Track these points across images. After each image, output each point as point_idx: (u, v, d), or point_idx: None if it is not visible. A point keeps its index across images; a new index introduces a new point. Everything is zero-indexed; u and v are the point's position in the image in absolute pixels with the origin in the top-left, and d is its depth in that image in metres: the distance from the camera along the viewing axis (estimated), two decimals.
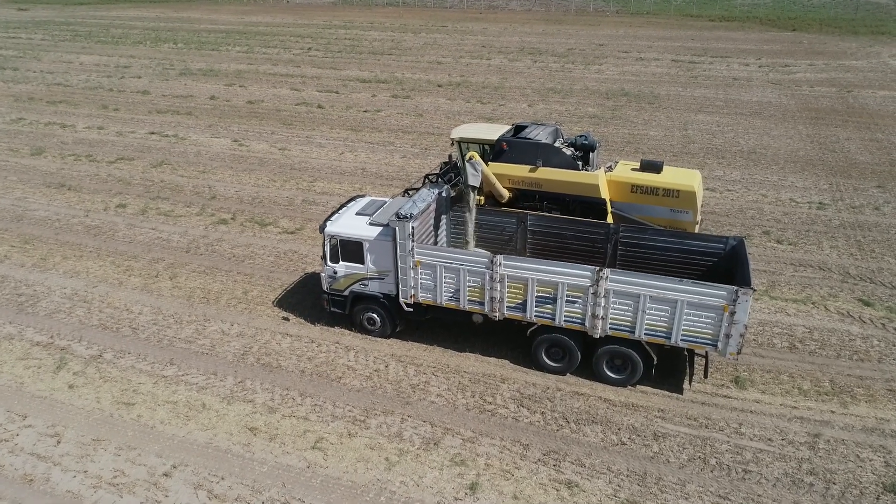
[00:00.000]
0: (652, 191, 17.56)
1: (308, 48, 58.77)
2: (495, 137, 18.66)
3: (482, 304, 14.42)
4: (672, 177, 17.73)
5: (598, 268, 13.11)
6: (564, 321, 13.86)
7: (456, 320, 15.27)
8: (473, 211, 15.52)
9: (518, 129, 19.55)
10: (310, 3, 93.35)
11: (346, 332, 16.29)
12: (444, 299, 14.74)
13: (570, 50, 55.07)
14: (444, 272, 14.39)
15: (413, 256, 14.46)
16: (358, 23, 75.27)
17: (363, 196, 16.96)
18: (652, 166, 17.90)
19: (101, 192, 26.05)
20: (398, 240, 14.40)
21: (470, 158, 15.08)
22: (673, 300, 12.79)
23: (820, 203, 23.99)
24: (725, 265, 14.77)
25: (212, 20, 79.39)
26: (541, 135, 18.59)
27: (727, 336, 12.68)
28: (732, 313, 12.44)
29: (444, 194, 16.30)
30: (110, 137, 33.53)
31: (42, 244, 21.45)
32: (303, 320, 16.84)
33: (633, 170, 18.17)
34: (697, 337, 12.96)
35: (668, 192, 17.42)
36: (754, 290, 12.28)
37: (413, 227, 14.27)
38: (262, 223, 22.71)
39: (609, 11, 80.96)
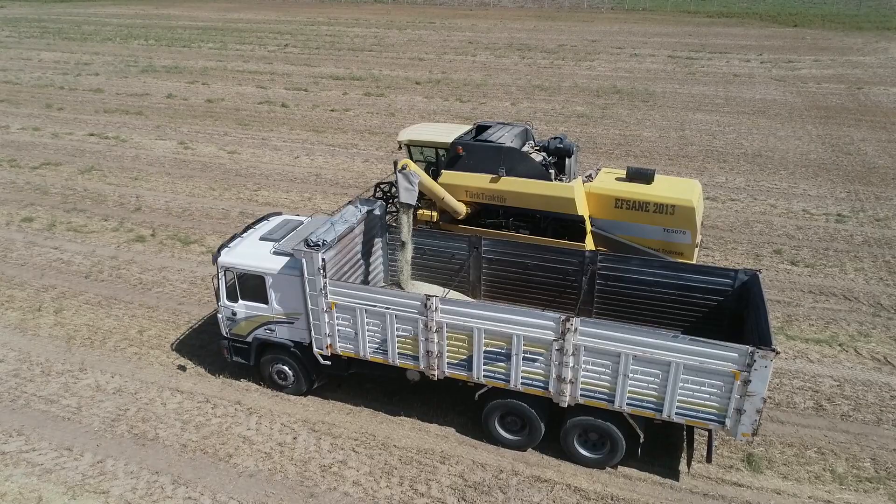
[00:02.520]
0: (641, 206, 14.17)
1: (285, 45, 55.51)
2: (450, 140, 15.23)
3: (416, 359, 11.00)
4: (666, 188, 14.34)
5: (562, 316, 9.69)
6: (522, 384, 10.46)
7: (388, 376, 11.86)
8: (409, 237, 12.10)
9: (480, 129, 16.14)
10: (296, 0, 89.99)
11: (254, 387, 12.87)
12: (367, 352, 11.33)
13: (560, 46, 51.79)
14: (367, 317, 10.98)
15: (326, 296, 11.04)
16: (342, 19, 72.15)
17: (278, 214, 13.54)
18: (641, 175, 14.51)
19: (11, 202, 22.62)
20: (306, 275, 10.99)
21: (402, 168, 11.63)
22: (664, 362, 9.39)
23: (838, 215, 20.60)
24: (734, 306, 11.38)
25: (191, 17, 76.14)
26: (505, 137, 15.17)
27: (739, 411, 9.27)
28: (746, 382, 9.03)
29: (377, 213, 12.89)
30: (43, 140, 30.11)
31: None
32: (202, 370, 13.43)
33: (619, 179, 14.77)
34: (698, 411, 9.55)
35: (661, 208, 14.03)
36: (777, 353, 8.85)
37: (324, 259, 10.85)
38: (185, 241, 19.28)
39: (604, 7, 77.78)
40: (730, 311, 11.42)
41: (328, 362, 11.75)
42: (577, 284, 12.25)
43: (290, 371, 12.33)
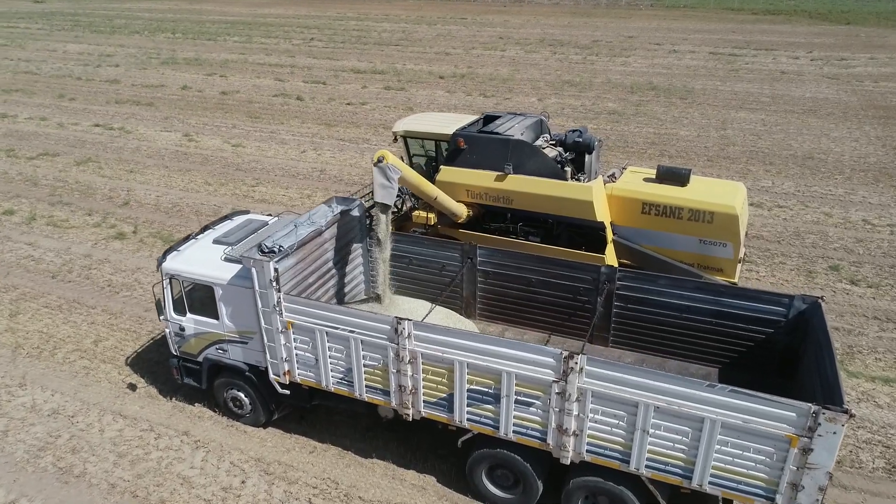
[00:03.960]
0: (673, 211, 11.89)
1: (310, 38, 54.21)
2: (452, 131, 13.16)
3: (387, 394, 8.98)
4: (703, 192, 12.04)
5: (564, 352, 7.56)
6: (514, 433, 8.34)
7: (357, 410, 9.87)
8: (387, 244, 10.08)
9: (489, 120, 14.04)
10: None
11: (208, 413, 11.03)
12: (330, 382, 9.34)
13: (594, 42, 49.26)
14: (328, 341, 9.00)
15: (281, 314, 9.10)
16: (372, 15, 70.79)
17: (245, 213, 11.68)
18: (674, 175, 12.25)
19: None
20: (257, 287, 9.06)
21: (379, 160, 9.60)
22: (696, 417, 7.17)
23: None
24: (787, 340, 9.07)
25: (222, 12, 75.65)
26: (514, 129, 13.04)
27: (794, 487, 7.00)
28: (806, 451, 6.77)
29: (355, 214, 10.91)
30: (48, 130, 29.06)
31: None
32: (154, 391, 11.64)
33: (647, 180, 12.52)
34: (739, 482, 7.31)
35: (698, 215, 11.74)
36: (851, 415, 6.56)
37: (276, 270, 8.91)
38: (167, 239, 17.62)
39: (642, 4, 74.60)
40: (781, 347, 9.11)
41: (287, 391, 9.81)
42: (590, 306, 10.07)
43: (245, 398, 10.44)
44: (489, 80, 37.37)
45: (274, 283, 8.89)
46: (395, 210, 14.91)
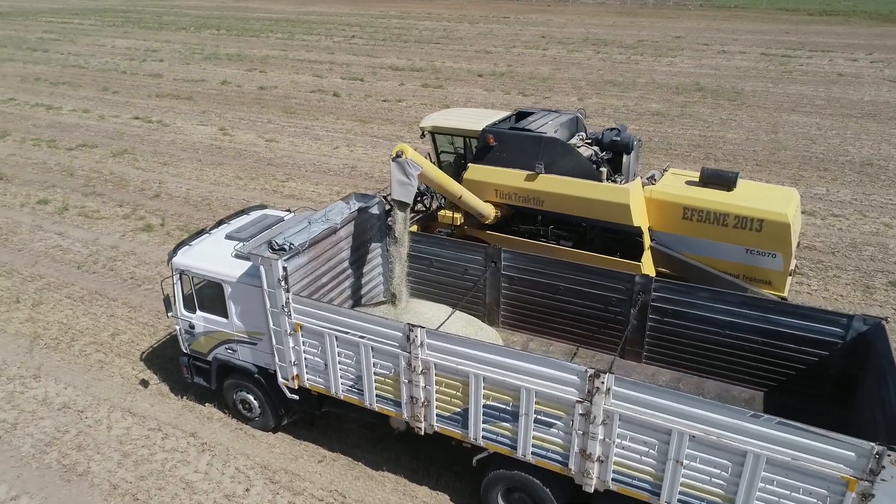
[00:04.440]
0: (717, 217, 10.98)
1: (351, 36, 54.26)
2: (481, 128, 12.49)
3: (399, 405, 8.38)
4: (752, 197, 11.09)
5: (589, 370, 6.83)
6: (533, 455, 7.64)
7: (368, 420, 9.30)
8: (404, 244, 9.48)
9: (521, 117, 13.33)
10: None
11: (218, 415, 10.63)
12: (340, 389, 8.80)
13: (640, 42, 47.88)
14: (338, 346, 8.45)
15: (290, 316, 8.59)
16: (415, 13, 70.60)
17: (261, 208, 11.25)
18: (720, 179, 11.32)
19: (34, 183, 21.61)
20: (265, 286, 8.58)
21: (397, 155, 9.01)
22: (738, 451, 6.36)
23: None
24: (843, 365, 8.14)
25: (266, 9, 76.54)
26: (548, 125, 12.29)
27: None
28: (866, 496, 5.90)
29: (374, 211, 10.35)
30: (89, 122, 29.47)
31: None
32: (165, 388, 11.32)
33: (690, 183, 11.62)
34: None
35: (745, 222, 10.80)
36: None
37: (285, 268, 8.40)
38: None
39: (691, 4, 72.45)
40: (836, 372, 8.18)
41: (295, 396, 9.31)
42: (623, 318, 9.28)
43: (255, 401, 9.99)
44: (529, 78, 36.57)
45: (282, 283, 8.39)
46: (424, 209, 14.35)
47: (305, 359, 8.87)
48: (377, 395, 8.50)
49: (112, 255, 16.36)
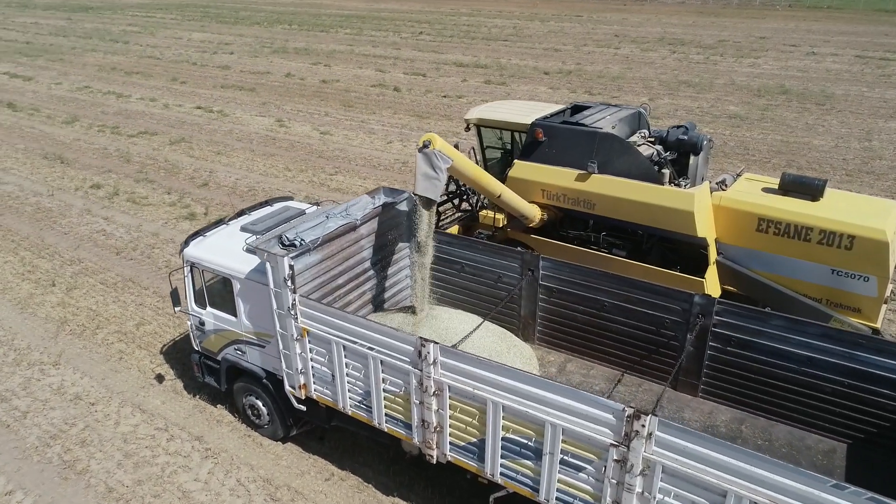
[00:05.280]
0: (799, 231, 9.46)
1: (419, 32, 53.88)
2: (530, 121, 11.34)
3: (409, 428, 7.39)
4: (842, 209, 9.50)
5: (627, 409, 5.63)
6: (558, 500, 6.48)
7: (379, 440, 8.35)
8: (428, 247, 8.46)
9: (577, 111, 12.10)
10: None
11: (228, 418, 9.95)
12: (347, 404, 7.88)
13: (720, 42, 45.20)
14: (345, 356, 7.54)
15: (296, 319, 7.74)
16: (486, 11, 69.72)
17: (286, 199, 10.50)
18: (804, 186, 9.78)
19: (92, 168, 21.89)
20: (271, 286, 7.76)
21: (425, 145, 8.01)
22: None
23: None
24: None
25: (339, 6, 77.45)
26: (605, 120, 11.02)
27: None
28: None
29: (402, 208, 9.39)
30: (153, 110, 29.99)
31: None
32: (179, 385, 10.75)
33: (767, 190, 10.11)
34: None
35: (833, 238, 9.24)
36: None
37: (292, 266, 7.55)
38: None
39: (779, 4, 68.25)
40: None
41: (303, 407, 8.47)
42: (677, 344, 7.96)
43: (263, 408, 9.23)
44: (597, 77, 34.94)
45: (288, 282, 7.54)
46: (470, 207, 13.35)
47: (313, 367, 8.01)
48: (386, 415, 7.54)
49: (151, 243, 16.12)
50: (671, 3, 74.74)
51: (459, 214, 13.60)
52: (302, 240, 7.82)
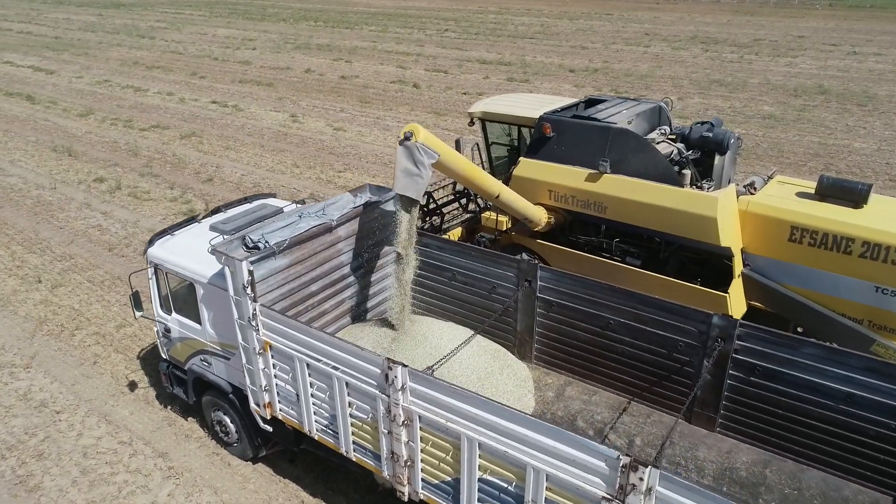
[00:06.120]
0: (838, 242, 8.30)
1: (444, 30, 53.08)
2: (538, 115, 10.33)
3: (379, 459, 6.46)
4: (889, 218, 8.30)
5: (623, 458, 4.61)
6: None
7: (350, 469, 7.44)
8: (409, 255, 7.52)
9: (592, 104, 11.05)
10: None
11: (197, 433, 9.16)
12: (314, 427, 6.99)
13: (756, 41, 43.43)
14: (309, 375, 6.65)
15: (258, 330, 6.88)
16: (514, 9, 68.62)
17: (268, 196, 9.68)
18: (845, 191, 8.61)
19: (98, 161, 21.45)
20: (231, 293, 6.91)
21: (406, 137, 7.07)
22: None
23: None
24: None
25: (367, 3, 77.10)
26: (620, 115, 9.96)
27: None
28: None
29: (389, 207, 8.46)
30: (168, 104, 29.62)
31: None
32: (152, 394, 10.01)
33: (802, 195, 8.95)
34: None
35: (878, 251, 8.08)
36: None
37: (251, 271, 6.69)
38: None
39: (819, 4, 65.72)
40: None
41: (268, 427, 7.61)
42: (692, 370, 6.89)
43: (231, 425, 8.40)
44: (625, 75, 33.66)
45: (248, 290, 6.67)
46: (478, 208, 12.38)
47: (277, 385, 7.14)
48: (355, 443, 6.63)
49: (146, 239, 15.40)
50: (706, 2, 72.61)
51: (467, 216, 12.65)
52: (266, 242, 6.95)
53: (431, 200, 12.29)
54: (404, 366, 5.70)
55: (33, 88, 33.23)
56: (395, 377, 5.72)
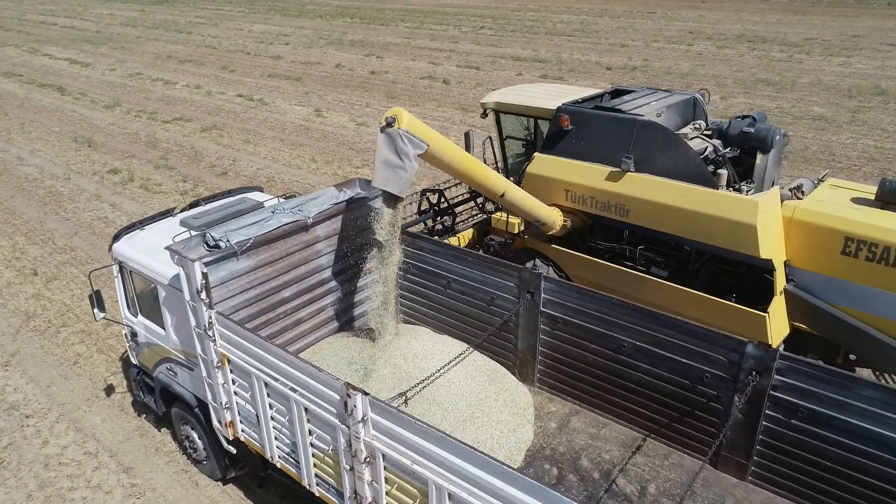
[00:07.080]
0: None
1: (481, 27, 52.12)
2: (556, 106, 9.26)
3: (342, 497, 5.53)
4: None
5: None
6: None
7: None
8: (392, 256, 6.57)
9: (617, 95, 9.92)
10: None
11: (169, 447, 8.40)
12: (275, 453, 6.11)
13: (807, 40, 41.27)
14: (268, 395, 5.76)
15: (214, 341, 6.02)
16: (553, 7, 67.29)
17: (252, 190, 8.85)
18: None
19: (117, 151, 21.15)
20: (186, 297, 6.08)
21: (388, 122, 6.10)
22: None
23: None
24: None
25: (405, 1, 76.59)
26: (648, 107, 8.82)
27: None
28: None
29: (376, 204, 7.51)
30: (195, 97, 29.36)
31: None
32: (128, 400, 9.31)
33: (858, 201, 7.69)
34: None
35: None
36: None
37: (205, 274, 5.83)
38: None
39: (876, 3, 62.48)
40: None
41: (232, 448, 6.76)
42: (720, 408, 5.76)
43: (199, 441, 7.59)
44: (665, 74, 32.11)
45: (202, 294, 5.82)
46: (495, 208, 11.34)
47: (238, 403, 6.27)
48: (317, 476, 5.71)
49: None
50: (754, 1, 69.95)
51: (483, 217, 11.62)
52: (227, 241, 6.09)
53: (443, 199, 11.33)
54: (365, 393, 4.76)
55: (66, 80, 33.45)
56: (355, 406, 4.78)
